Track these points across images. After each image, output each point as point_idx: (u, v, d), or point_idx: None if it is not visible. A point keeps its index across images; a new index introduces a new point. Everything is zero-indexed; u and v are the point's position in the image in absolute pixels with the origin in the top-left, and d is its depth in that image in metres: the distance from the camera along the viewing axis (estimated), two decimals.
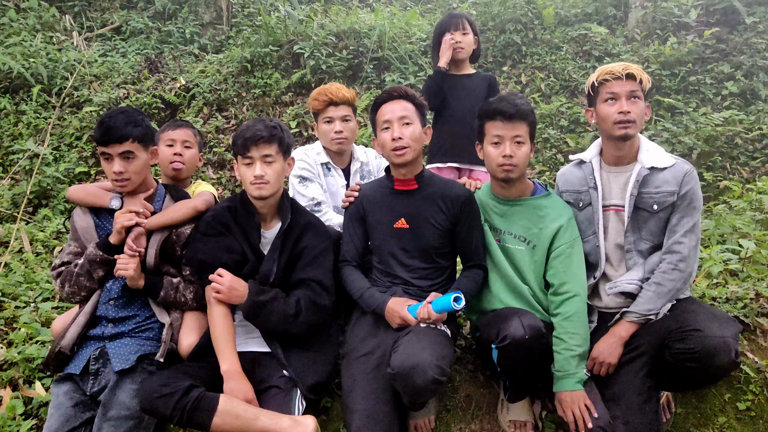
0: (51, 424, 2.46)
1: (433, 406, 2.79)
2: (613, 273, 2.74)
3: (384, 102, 2.78)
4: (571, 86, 6.84)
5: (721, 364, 2.31)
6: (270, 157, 2.63)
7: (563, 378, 2.51)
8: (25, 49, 7.08)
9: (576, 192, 2.81)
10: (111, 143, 2.58)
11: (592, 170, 2.76)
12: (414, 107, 2.77)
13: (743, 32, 6.80)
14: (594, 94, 2.68)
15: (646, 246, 2.68)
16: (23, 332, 3.26)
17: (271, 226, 2.77)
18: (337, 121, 3.28)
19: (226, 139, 6.47)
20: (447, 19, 3.94)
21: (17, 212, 5.28)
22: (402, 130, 2.70)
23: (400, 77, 6.83)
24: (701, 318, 2.44)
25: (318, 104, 3.30)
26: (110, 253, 2.64)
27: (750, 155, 5.80)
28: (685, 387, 2.67)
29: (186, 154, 3.15)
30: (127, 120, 2.61)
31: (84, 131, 6.39)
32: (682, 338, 2.40)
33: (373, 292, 2.72)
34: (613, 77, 2.58)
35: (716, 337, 2.32)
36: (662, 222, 2.65)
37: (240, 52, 7.31)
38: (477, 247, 2.78)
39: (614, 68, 2.59)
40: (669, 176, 2.62)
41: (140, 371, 2.56)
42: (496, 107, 2.61)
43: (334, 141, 3.29)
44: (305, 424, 2.39)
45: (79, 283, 2.69)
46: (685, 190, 2.60)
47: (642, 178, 2.62)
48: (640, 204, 2.64)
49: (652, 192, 2.62)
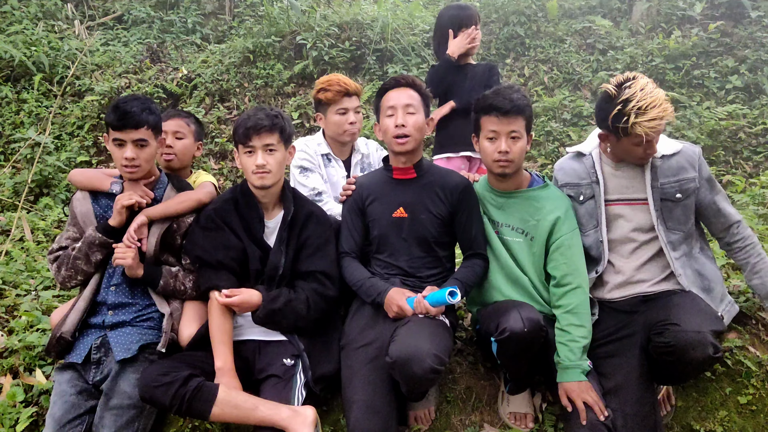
0: (54, 411, 2.46)
1: (433, 397, 2.79)
2: (623, 265, 2.72)
3: (390, 88, 2.77)
4: (574, 79, 6.81)
5: (696, 358, 2.29)
6: (272, 146, 2.62)
7: (569, 369, 2.51)
8: (26, 37, 7.05)
9: (576, 185, 2.78)
10: (127, 128, 2.57)
11: (593, 163, 2.74)
12: (420, 97, 2.76)
13: (748, 26, 6.76)
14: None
15: (676, 236, 2.66)
16: (24, 320, 3.26)
17: (273, 215, 2.76)
18: (351, 112, 3.25)
19: (228, 129, 6.45)
20: (458, 12, 3.87)
21: (18, 201, 5.28)
22: (406, 118, 2.69)
23: (403, 69, 6.80)
24: (683, 312, 2.42)
25: (332, 95, 3.22)
26: (110, 237, 2.64)
27: (753, 150, 5.77)
28: (670, 380, 2.66)
29: (177, 145, 3.07)
30: (143, 107, 2.60)
31: (85, 120, 6.37)
32: (660, 332, 2.39)
33: (374, 282, 2.71)
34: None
35: (692, 331, 2.30)
36: (688, 209, 2.65)
37: (242, 42, 7.28)
38: (477, 235, 2.77)
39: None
40: (683, 162, 2.62)
41: (142, 360, 2.57)
42: (492, 102, 2.58)
43: (348, 132, 3.27)
44: (304, 415, 2.40)
45: (75, 266, 2.67)
46: (703, 172, 2.64)
47: (657, 169, 2.61)
48: (663, 195, 2.62)
49: (672, 181, 2.62)
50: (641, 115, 2.41)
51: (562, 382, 2.52)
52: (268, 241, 2.73)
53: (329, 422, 2.69)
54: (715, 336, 2.33)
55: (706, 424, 2.74)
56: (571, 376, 2.50)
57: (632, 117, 2.43)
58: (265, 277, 2.68)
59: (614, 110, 2.49)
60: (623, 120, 2.46)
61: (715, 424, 2.73)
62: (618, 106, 2.47)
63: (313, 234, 2.73)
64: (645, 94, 2.42)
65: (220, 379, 2.47)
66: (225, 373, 2.49)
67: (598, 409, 2.41)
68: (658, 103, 2.40)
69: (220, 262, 2.63)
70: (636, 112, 2.42)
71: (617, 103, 2.48)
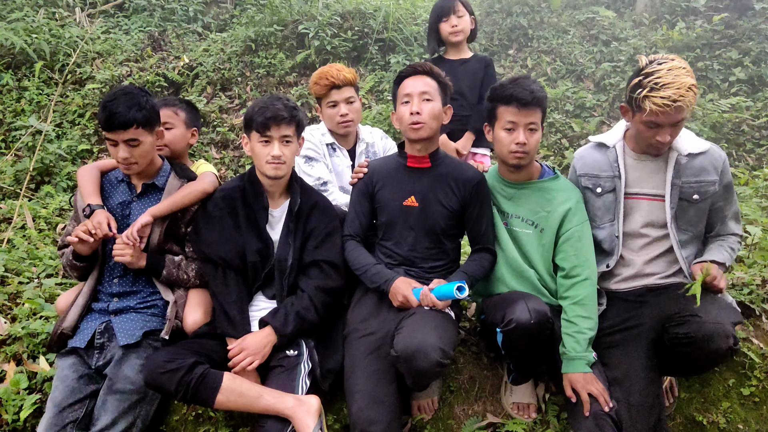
0: (56, 396, 2.46)
1: (436, 387, 2.79)
2: (634, 258, 2.71)
3: (407, 76, 2.75)
4: (577, 70, 6.78)
5: (718, 349, 2.29)
6: (288, 137, 2.61)
7: (575, 360, 2.51)
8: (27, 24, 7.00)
9: (595, 177, 2.74)
10: (115, 129, 2.53)
11: (617, 157, 2.70)
12: (437, 84, 2.73)
13: (752, 18, 6.73)
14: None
15: (685, 237, 2.64)
16: (27, 307, 3.26)
17: (278, 204, 2.76)
18: (342, 104, 3.23)
19: (230, 119, 6.42)
20: (441, 2, 3.88)
21: (20, 189, 5.26)
22: (421, 106, 2.67)
23: (405, 59, 6.77)
24: (702, 303, 2.40)
25: (320, 89, 3.23)
26: (81, 261, 2.65)
27: (756, 142, 5.77)
28: (682, 372, 2.67)
29: (166, 136, 2.98)
30: (129, 104, 2.53)
31: (87, 108, 6.34)
32: (680, 323, 2.39)
33: (380, 269, 2.70)
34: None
35: (714, 323, 2.30)
36: (702, 212, 2.63)
37: (244, 31, 7.24)
38: (486, 230, 2.76)
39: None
40: (707, 164, 2.58)
41: (145, 347, 2.58)
42: (512, 93, 2.55)
43: (341, 125, 3.25)
44: (309, 404, 2.40)
45: (68, 270, 2.73)
46: (725, 178, 2.59)
47: (680, 166, 2.58)
48: (681, 194, 2.59)
49: (692, 182, 2.58)
50: (656, 90, 2.37)
51: (567, 373, 2.52)
52: (273, 230, 2.73)
53: (333, 411, 2.70)
54: (734, 327, 2.33)
55: (709, 416, 2.75)
56: (576, 368, 2.50)
57: (646, 90, 2.40)
58: (276, 270, 2.68)
59: (635, 79, 2.47)
60: (638, 91, 2.43)
61: (718, 416, 2.74)
62: (640, 76, 2.45)
63: (319, 224, 2.73)
64: (669, 73, 2.37)
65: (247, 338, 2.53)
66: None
67: (603, 400, 2.41)
68: (676, 86, 2.35)
69: (223, 258, 2.63)
70: (652, 86, 2.38)
71: (641, 74, 2.45)
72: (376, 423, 2.36)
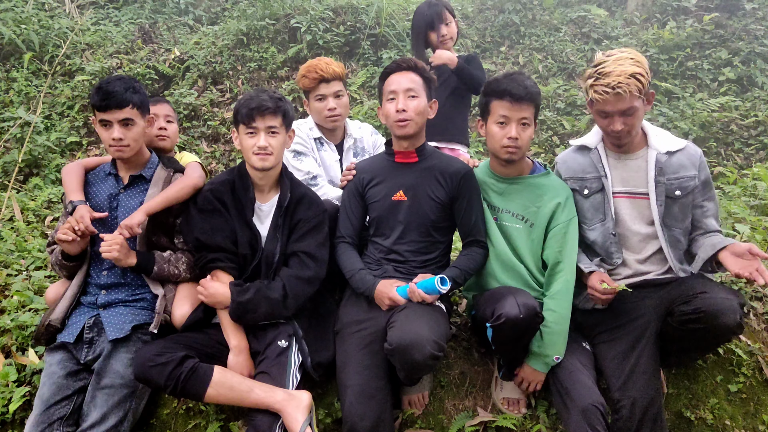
0: (43, 392, 2.45)
1: (427, 381, 2.80)
2: (634, 257, 2.73)
3: (392, 72, 2.76)
4: (568, 68, 6.82)
5: (726, 323, 2.30)
6: (274, 128, 2.61)
7: (533, 355, 2.62)
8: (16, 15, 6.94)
9: (581, 179, 2.77)
10: (111, 109, 2.55)
11: (600, 157, 2.73)
12: (422, 80, 2.74)
13: (742, 18, 6.79)
14: None
15: (673, 234, 2.66)
16: (16, 300, 3.24)
17: (267, 198, 2.75)
18: (330, 98, 3.22)
19: (221, 112, 6.40)
20: (426, 9, 3.85)
21: (8, 181, 5.23)
22: (407, 103, 2.68)
23: (397, 54, 6.76)
24: (708, 284, 2.48)
25: (308, 82, 3.22)
26: (70, 261, 2.65)
27: (745, 142, 5.82)
28: (685, 354, 2.69)
29: (170, 129, 3.12)
30: (126, 86, 2.58)
31: (76, 100, 6.30)
32: (687, 301, 2.42)
33: (363, 275, 2.70)
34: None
35: (722, 297, 2.34)
36: (685, 208, 2.65)
37: (236, 24, 7.21)
38: (476, 222, 2.77)
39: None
40: (685, 160, 2.63)
41: (134, 341, 2.56)
42: (506, 87, 2.57)
43: (328, 118, 3.25)
44: (299, 399, 2.40)
45: (57, 269, 2.73)
46: (703, 173, 2.64)
47: (660, 164, 2.61)
48: (666, 192, 2.62)
49: (672, 178, 2.62)
50: (599, 78, 2.47)
51: (524, 364, 2.64)
52: (262, 224, 2.72)
53: (324, 405, 2.70)
54: (740, 305, 2.35)
55: (697, 411, 2.77)
56: (532, 363, 2.62)
57: (592, 80, 2.50)
58: (263, 264, 2.68)
59: (587, 71, 2.57)
60: (587, 82, 2.55)
61: (706, 412, 2.77)
62: (592, 69, 2.54)
63: (304, 217, 2.72)
64: (613, 63, 2.46)
65: (236, 357, 2.50)
66: (242, 351, 2.53)
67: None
68: (617, 73, 2.42)
69: (219, 245, 2.62)
70: (597, 76, 2.49)
71: (593, 65, 2.55)
72: (367, 417, 2.37)
